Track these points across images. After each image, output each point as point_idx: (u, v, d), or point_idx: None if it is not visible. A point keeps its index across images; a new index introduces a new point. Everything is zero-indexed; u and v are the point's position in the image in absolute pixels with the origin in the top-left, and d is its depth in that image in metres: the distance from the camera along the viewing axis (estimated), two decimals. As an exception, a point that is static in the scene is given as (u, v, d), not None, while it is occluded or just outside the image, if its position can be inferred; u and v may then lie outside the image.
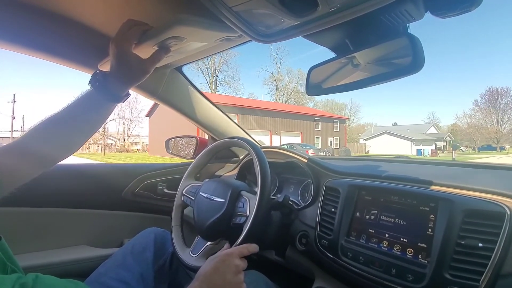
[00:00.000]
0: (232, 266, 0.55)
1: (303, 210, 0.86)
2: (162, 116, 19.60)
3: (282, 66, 61.81)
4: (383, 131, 37.23)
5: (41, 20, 0.71)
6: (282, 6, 0.46)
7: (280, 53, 43.90)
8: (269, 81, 43.57)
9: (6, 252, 0.41)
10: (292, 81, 42.75)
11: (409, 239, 0.61)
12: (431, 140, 34.60)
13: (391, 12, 0.48)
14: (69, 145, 0.62)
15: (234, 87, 39.34)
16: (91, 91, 0.61)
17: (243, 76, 63.52)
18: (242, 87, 48.99)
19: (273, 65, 47.25)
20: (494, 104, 39.37)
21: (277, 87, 42.70)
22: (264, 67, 48.32)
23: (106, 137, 29.36)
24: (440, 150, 32.03)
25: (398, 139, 33.04)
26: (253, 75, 60.48)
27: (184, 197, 0.87)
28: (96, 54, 0.79)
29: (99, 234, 1.11)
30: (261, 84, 66.66)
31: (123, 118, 33.42)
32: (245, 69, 58.23)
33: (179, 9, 0.62)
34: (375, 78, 0.55)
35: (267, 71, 47.24)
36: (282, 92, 42.50)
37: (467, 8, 0.42)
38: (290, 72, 43.82)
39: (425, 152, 28.94)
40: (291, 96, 42.53)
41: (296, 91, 42.21)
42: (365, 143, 35.56)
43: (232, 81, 39.15)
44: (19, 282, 0.32)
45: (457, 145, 34.60)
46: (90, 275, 0.73)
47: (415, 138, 32.57)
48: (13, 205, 0.92)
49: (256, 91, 62.02)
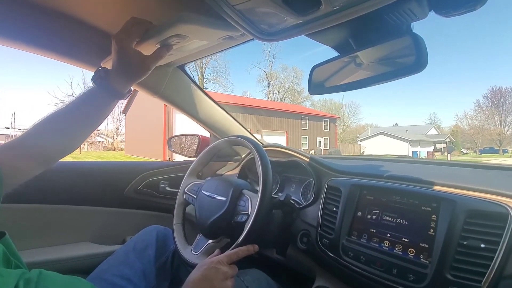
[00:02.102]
0: (220, 273, 0.56)
1: (305, 209, 0.86)
2: (138, 113, 18.43)
3: (276, 63, 57.75)
4: (379, 131, 35.94)
5: (45, 18, 0.72)
6: (285, 4, 0.46)
7: (273, 50, 41.62)
8: (263, 79, 42.17)
9: (10, 247, 0.41)
10: (288, 79, 41.16)
11: (410, 239, 0.61)
12: (429, 142, 33.40)
13: (395, 11, 0.48)
14: (71, 142, 0.63)
15: (223, 84, 37.14)
16: (93, 87, 0.62)
17: (236, 73, 59.42)
18: (232, 84, 46.26)
19: (265, 62, 45.41)
20: (497, 105, 38.11)
21: (269, 84, 41.36)
22: (255, 63, 46.92)
23: (97, 135, 28.97)
24: (439, 152, 30.93)
25: (395, 140, 31.83)
26: (246, 72, 57.94)
27: (186, 195, 0.88)
28: (99, 52, 0.79)
29: (102, 231, 1.11)
30: (255, 82, 64.58)
31: (113, 116, 32.47)
32: (238, 66, 56.47)
33: (182, 7, 0.62)
34: (378, 77, 0.55)
35: (258, 67, 45.15)
36: (277, 90, 41.19)
37: (472, 7, 0.42)
38: (285, 70, 42.23)
39: (421, 154, 27.49)
40: (287, 94, 41.05)
41: (292, 89, 40.81)
42: (359, 144, 34.17)
43: (222, 78, 36.96)
44: (24, 277, 0.33)
45: (452, 147, 33.51)
46: (93, 272, 0.74)
47: (412, 139, 31.45)
48: (17, 202, 0.93)
49: (250, 89, 60.14)
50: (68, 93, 28.31)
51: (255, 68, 48.44)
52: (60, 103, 26.34)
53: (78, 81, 36.36)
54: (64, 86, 57.89)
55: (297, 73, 41.17)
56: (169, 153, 14.08)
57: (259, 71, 44.19)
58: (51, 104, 27.08)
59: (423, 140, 33.10)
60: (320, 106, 43.62)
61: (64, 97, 26.67)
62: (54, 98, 28.35)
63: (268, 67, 42.11)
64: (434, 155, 26.47)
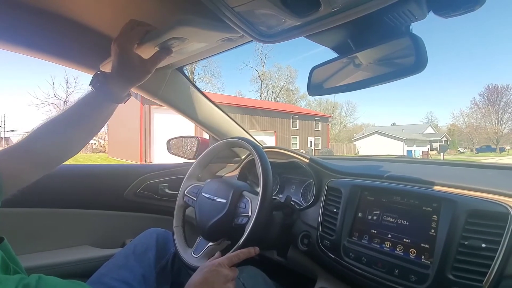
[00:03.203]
0: (221, 275, 0.56)
1: (305, 211, 0.86)
2: (118, 113, 17.28)
3: (270, 62, 55.88)
4: (374, 131, 35.28)
5: (43, 21, 0.71)
6: (284, 6, 0.46)
7: (265, 48, 39.66)
8: (256, 78, 40.92)
9: (8, 252, 0.41)
10: (282, 78, 39.94)
11: (411, 239, 0.61)
12: (425, 141, 32.82)
13: (394, 12, 0.48)
14: (71, 146, 0.62)
15: (214, 83, 36.19)
16: (92, 91, 0.61)
17: (228, 72, 57.64)
18: (223, 83, 44.15)
19: (258, 60, 42.86)
20: (494, 103, 37.98)
21: (262, 84, 40.09)
22: (247, 62, 45.17)
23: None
24: (435, 152, 30.08)
25: (390, 139, 31.20)
26: (237, 71, 56.83)
27: (186, 198, 0.87)
28: (98, 55, 0.79)
29: (101, 235, 1.11)
30: (248, 81, 62.58)
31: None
32: (230, 65, 54.69)
33: (181, 10, 0.62)
34: (377, 78, 0.55)
35: (250, 66, 43.62)
36: (271, 90, 40.00)
37: (471, 8, 0.42)
38: (279, 69, 40.95)
39: (415, 153, 26.82)
40: (281, 94, 39.98)
41: (287, 89, 39.84)
42: (354, 144, 33.43)
43: (213, 77, 35.82)
44: (22, 282, 0.32)
45: (445, 147, 32.65)
46: (92, 276, 0.73)
47: (408, 139, 30.91)
48: (16, 206, 0.92)
49: (243, 88, 58.06)
50: (50, 94, 28.08)
51: (247, 67, 46.88)
52: (41, 104, 25.63)
53: (60, 81, 35.93)
54: (45, 86, 57.41)
55: (291, 72, 40.29)
56: (146, 155, 13.51)
57: (252, 70, 42.97)
58: (32, 106, 26.67)
59: (418, 139, 32.66)
60: (315, 105, 42.85)
61: (46, 98, 26.42)
62: (35, 98, 28.19)
63: (260, 65, 41.11)
64: (429, 154, 25.60)
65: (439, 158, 22.12)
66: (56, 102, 27.41)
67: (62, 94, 32.77)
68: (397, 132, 34.15)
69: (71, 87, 28.61)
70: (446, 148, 32.49)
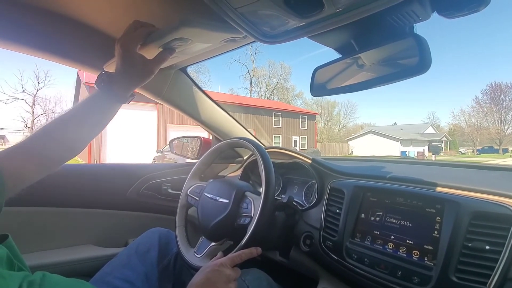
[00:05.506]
0: (223, 276, 0.56)
1: (308, 211, 0.86)
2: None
3: (263, 59, 54.60)
4: (369, 130, 33.51)
5: (47, 21, 0.72)
6: (287, 7, 0.46)
7: (255, 43, 38.45)
8: (245, 74, 38.54)
9: (13, 250, 0.41)
10: (275, 75, 37.71)
11: (415, 241, 0.60)
12: (424, 141, 31.00)
13: (398, 13, 0.48)
14: (74, 147, 0.63)
15: (201, 80, 33.63)
16: (97, 92, 0.62)
17: (217, 68, 52.48)
18: (210, 80, 40.16)
19: (247, 55, 39.02)
20: (497, 102, 35.72)
21: (251, 81, 37.64)
22: (236, 57, 40.28)
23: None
24: (431, 152, 27.97)
25: (385, 139, 29.44)
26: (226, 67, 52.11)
27: (188, 198, 0.88)
28: (102, 55, 0.79)
29: (104, 234, 1.11)
30: (237, 78, 60.26)
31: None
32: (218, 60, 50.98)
33: (185, 10, 0.62)
34: (380, 79, 0.55)
35: (239, 62, 39.56)
36: (264, 88, 37.83)
37: (475, 8, 0.42)
38: (273, 66, 38.66)
39: (410, 154, 24.29)
40: (275, 92, 37.91)
41: (281, 86, 38.04)
42: (348, 144, 31.69)
43: (200, 73, 33.93)
44: (27, 280, 0.33)
45: (438, 147, 30.87)
46: (95, 275, 0.73)
47: (404, 138, 29.17)
48: (20, 205, 0.93)
49: (235, 86, 55.69)
50: (17, 89, 26.31)
51: (235, 62, 42.96)
52: (9, 99, 24.16)
53: (29, 75, 33.71)
54: (12, 80, 53.32)
55: (285, 69, 38.47)
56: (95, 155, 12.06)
57: (243, 67, 40.09)
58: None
59: (416, 139, 31.07)
60: (312, 104, 41.16)
61: (14, 93, 24.68)
62: (2, 93, 26.54)
63: (250, 61, 38.26)
64: (424, 155, 24.07)
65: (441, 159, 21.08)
66: (24, 97, 25.52)
67: (31, 88, 30.47)
68: (393, 132, 32.58)
69: (41, 82, 26.36)
70: (438, 149, 30.98)
